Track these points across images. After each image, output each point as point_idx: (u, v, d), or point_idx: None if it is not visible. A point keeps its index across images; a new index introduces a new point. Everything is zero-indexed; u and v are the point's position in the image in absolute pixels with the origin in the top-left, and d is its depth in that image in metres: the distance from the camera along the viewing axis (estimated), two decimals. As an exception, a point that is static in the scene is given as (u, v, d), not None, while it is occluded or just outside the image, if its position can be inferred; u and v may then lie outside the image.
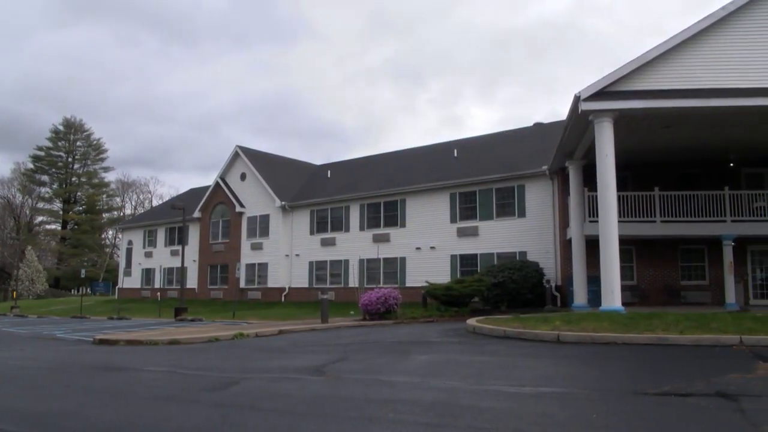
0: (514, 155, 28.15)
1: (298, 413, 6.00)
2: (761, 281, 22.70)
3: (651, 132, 18.64)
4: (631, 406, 6.03)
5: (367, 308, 19.14)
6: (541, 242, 25.45)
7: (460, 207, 28.28)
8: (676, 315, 13.50)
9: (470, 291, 21.62)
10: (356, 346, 12.15)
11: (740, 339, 10.14)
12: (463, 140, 34.93)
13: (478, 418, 5.49)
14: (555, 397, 6.45)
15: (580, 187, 21.01)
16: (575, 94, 16.06)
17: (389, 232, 30.57)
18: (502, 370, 8.54)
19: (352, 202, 32.39)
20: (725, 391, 6.29)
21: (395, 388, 7.19)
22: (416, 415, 5.65)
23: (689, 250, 22.92)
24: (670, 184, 21.35)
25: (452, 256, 28.02)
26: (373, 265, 30.73)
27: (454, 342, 12.26)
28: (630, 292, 21.53)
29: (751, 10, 16.08)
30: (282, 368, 9.34)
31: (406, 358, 10.00)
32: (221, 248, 38.08)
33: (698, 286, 22.76)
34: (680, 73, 16.01)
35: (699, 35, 16.03)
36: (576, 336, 11.33)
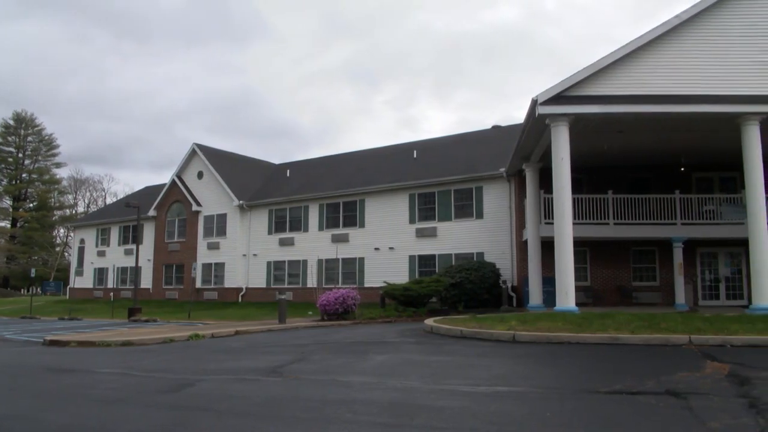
0: (473, 157, 28.44)
1: (255, 415, 5.97)
2: (710, 282, 23.44)
3: (605, 136, 19.06)
4: (584, 404, 6.18)
5: (325, 308, 19.09)
6: (498, 243, 25.79)
7: (419, 208, 28.46)
8: (627, 315, 13.84)
9: (428, 291, 21.78)
10: (314, 346, 12.12)
11: (689, 339, 10.46)
12: (423, 141, 35.14)
13: (435, 417, 5.55)
14: (511, 396, 6.56)
15: (537, 189, 21.36)
16: (532, 98, 16.33)
17: (348, 232, 30.56)
18: (459, 369, 8.62)
19: (311, 202, 32.27)
20: (675, 389, 6.49)
21: (353, 388, 7.20)
22: (373, 416, 5.68)
23: (641, 252, 23.52)
24: (624, 188, 21.86)
25: (411, 256, 28.16)
26: (331, 266, 30.67)
27: (411, 342, 12.33)
28: (584, 293, 21.99)
29: (703, 20, 16.56)
30: (238, 369, 9.26)
31: (364, 358, 10.02)
32: (177, 248, 37.48)
33: (649, 287, 23.38)
34: (634, 80, 16.41)
35: (652, 43, 16.45)
36: (531, 336, 11.53)
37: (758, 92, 16.07)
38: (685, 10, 16.52)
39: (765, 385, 6.63)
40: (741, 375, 7.29)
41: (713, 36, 16.50)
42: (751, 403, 5.75)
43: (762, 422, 5.05)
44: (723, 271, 23.41)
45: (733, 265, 23.31)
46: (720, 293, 23.29)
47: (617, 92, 16.29)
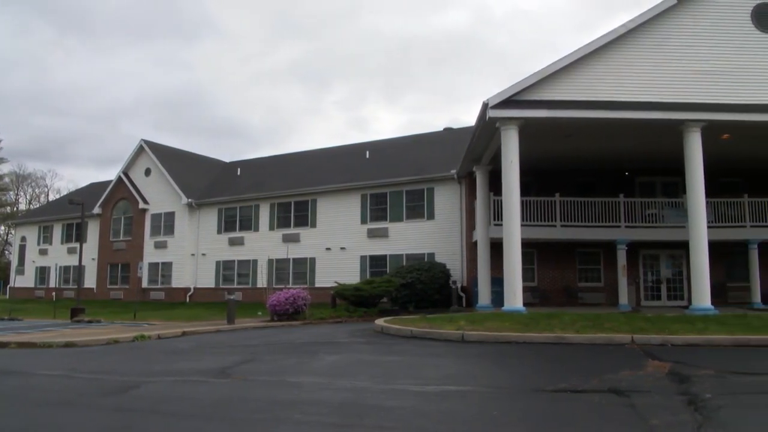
0: (425, 159, 28.64)
1: (203, 416, 5.88)
2: (652, 283, 24.20)
3: (554, 140, 19.48)
4: (529, 402, 6.31)
5: (275, 309, 18.92)
6: (448, 244, 26.04)
7: (371, 208, 28.50)
8: (573, 315, 14.16)
9: (379, 292, 21.83)
10: (263, 347, 12.01)
11: (632, 338, 10.78)
12: (375, 142, 35.20)
13: (385, 417, 5.58)
14: (459, 395, 6.64)
15: (487, 191, 21.65)
16: (483, 102, 16.55)
17: (299, 232, 30.38)
18: (409, 369, 8.68)
19: (262, 201, 31.95)
20: (618, 387, 6.67)
21: (303, 389, 7.17)
22: (323, 416, 5.67)
23: (586, 254, 24.10)
24: (570, 191, 22.35)
25: (362, 257, 28.18)
26: (282, 266, 30.43)
27: (362, 342, 12.34)
28: (531, 293, 22.40)
29: (648, 29, 17.07)
30: (186, 371, 9.11)
31: (314, 358, 9.98)
32: (123, 246, 36.57)
33: (594, 287, 23.98)
34: (581, 86, 16.81)
35: (600, 50, 16.87)
36: (480, 335, 11.69)
37: (699, 100, 16.68)
38: (631, 20, 17.01)
39: (703, 383, 6.88)
40: (681, 373, 7.54)
41: (657, 45, 17.05)
42: (690, 401, 5.96)
43: (700, 419, 5.25)
44: (664, 272, 24.20)
45: (674, 267, 24.12)
46: (661, 294, 24.07)
47: (565, 98, 16.67)
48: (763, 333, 10.96)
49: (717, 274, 20.22)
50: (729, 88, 16.78)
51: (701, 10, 17.22)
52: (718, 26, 17.16)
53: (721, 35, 17.10)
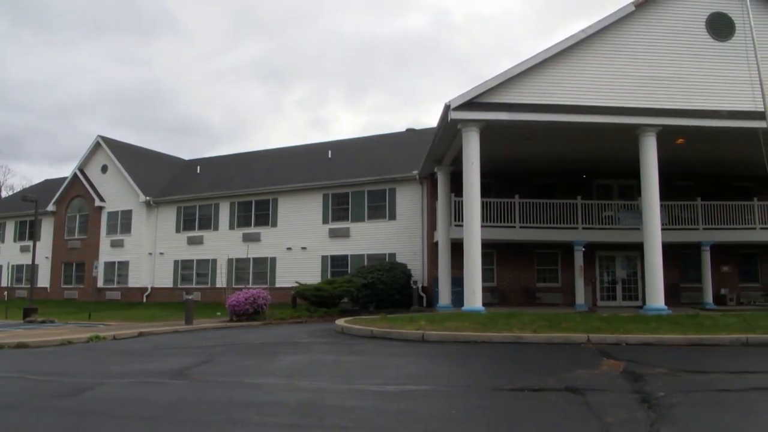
0: (387, 159, 28.68)
1: (159, 418, 5.78)
2: (607, 284, 24.71)
3: (514, 143, 19.72)
4: (488, 401, 6.37)
5: (234, 309, 18.71)
6: (410, 244, 26.13)
7: (333, 208, 28.42)
8: (531, 315, 14.35)
9: (340, 292, 21.78)
10: (222, 348, 11.87)
11: (588, 337, 10.98)
12: (337, 142, 35.10)
13: (344, 417, 5.56)
14: (418, 395, 6.66)
15: (448, 192, 21.80)
16: (446, 103, 16.66)
17: (260, 231, 30.11)
18: (369, 369, 8.68)
19: (222, 200, 31.56)
20: (574, 385, 6.78)
21: (261, 390, 7.11)
22: (282, 417, 5.63)
23: (545, 254, 24.47)
24: (530, 192, 22.64)
25: (323, 256, 28.07)
26: (242, 265, 30.11)
27: (322, 342, 12.29)
28: (490, 293, 22.64)
29: (606, 35, 17.41)
30: (142, 372, 8.94)
31: (274, 359, 9.91)
32: (78, 245, 35.70)
33: (552, 288, 24.36)
34: (541, 90, 17.05)
35: (559, 55, 17.14)
36: (440, 335, 11.76)
37: (655, 105, 17.10)
38: (590, 26, 17.34)
39: (657, 382, 7.04)
40: (635, 372, 7.71)
41: (615, 51, 17.41)
42: (643, 398, 6.09)
43: (653, 416, 5.37)
44: (620, 273, 24.73)
45: (629, 268, 24.66)
46: (617, 294, 24.59)
47: (525, 101, 16.89)
48: (715, 332, 11.28)
49: (670, 275, 20.72)
50: (683, 95, 17.25)
51: (658, 17, 17.65)
52: (674, 34, 17.61)
53: (676, 43, 17.55)
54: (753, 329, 11.49)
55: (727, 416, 5.51)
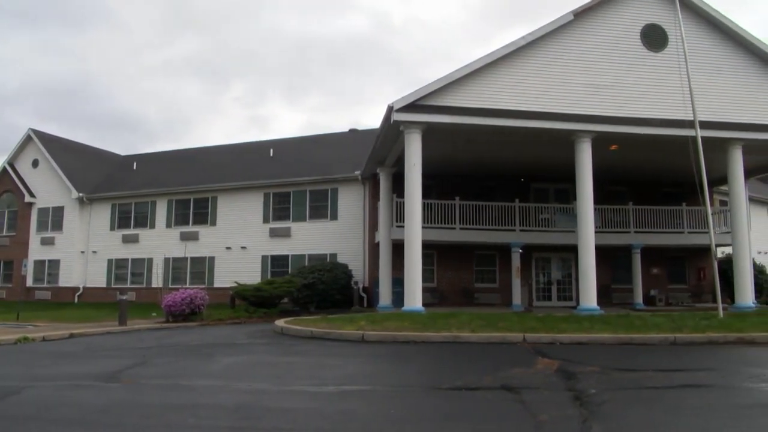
0: (330, 159, 28.58)
1: (90, 422, 5.59)
2: (543, 285, 25.31)
3: (455, 145, 19.97)
4: (426, 400, 6.43)
5: (170, 309, 18.28)
6: (351, 245, 26.11)
7: (274, 207, 28.13)
8: (469, 315, 14.57)
9: (280, 292, 21.57)
10: (157, 349, 11.59)
11: (524, 337, 11.22)
12: (279, 140, 34.72)
13: (282, 418, 5.52)
14: (357, 395, 6.67)
15: (390, 193, 21.90)
16: (389, 105, 16.73)
17: (198, 230, 29.52)
18: (308, 370, 8.63)
19: (159, 197, 30.78)
20: (510, 384, 6.92)
21: (197, 392, 6.98)
22: (218, 419, 5.54)
23: (483, 256, 24.86)
24: (470, 195, 22.96)
25: (264, 256, 27.75)
26: (179, 265, 29.45)
27: (261, 343, 12.16)
28: (430, 294, 22.84)
29: (545, 43, 17.81)
30: (72, 375, 8.62)
31: (210, 360, 9.73)
32: (6, 242, 34.12)
33: (490, 288, 24.78)
34: (482, 94, 17.32)
35: (501, 60, 17.44)
36: (379, 335, 11.80)
37: (591, 112, 17.62)
38: (530, 32, 17.71)
39: (589, 380, 7.26)
40: (568, 370, 7.92)
41: (554, 58, 17.84)
42: (576, 396, 6.27)
43: (585, 413, 5.53)
44: (555, 274, 25.38)
45: (563, 269, 25.33)
46: (552, 295, 25.22)
47: (467, 104, 17.12)
48: (644, 332, 11.71)
49: (603, 277, 21.40)
50: (618, 102, 17.84)
51: (595, 27, 18.19)
52: (610, 43, 18.18)
53: (613, 52, 18.13)
54: (680, 329, 11.98)
55: (655, 413, 5.73)
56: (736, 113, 18.55)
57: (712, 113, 17.88)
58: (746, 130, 18.58)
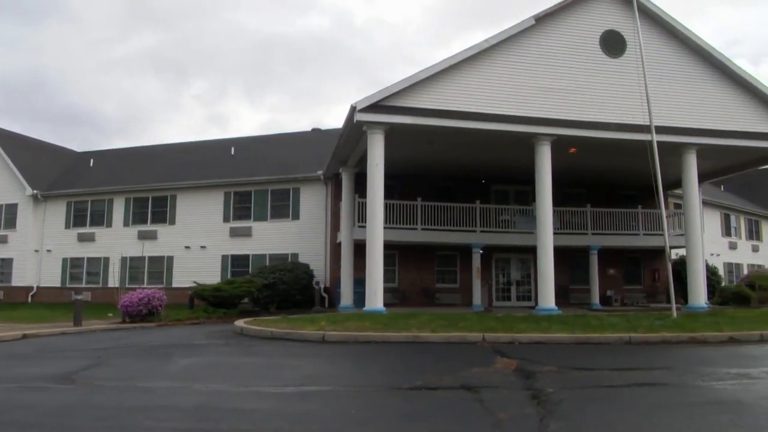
0: (292, 158, 28.40)
1: (43, 425, 5.45)
2: (503, 285, 25.61)
3: (417, 146, 20.06)
4: (386, 400, 6.45)
5: (127, 310, 17.93)
6: (313, 245, 26.00)
7: (235, 206, 27.83)
8: (430, 315, 14.65)
9: (240, 292, 21.35)
10: (113, 350, 11.36)
11: (483, 337, 11.34)
12: (241, 139, 34.39)
13: (241, 420, 5.47)
14: (317, 395, 6.65)
15: (352, 193, 21.88)
16: (352, 105, 16.71)
17: (157, 229, 29.02)
18: (268, 370, 8.58)
19: (117, 195, 30.15)
20: (469, 383, 7.00)
21: (154, 393, 6.86)
22: (175, 421, 5.46)
23: (444, 256, 25.04)
24: (432, 195, 23.10)
25: (224, 256, 27.43)
26: (136, 264, 28.90)
27: (220, 344, 12.02)
28: (392, 294, 22.92)
29: (507, 46, 17.98)
30: (25, 377, 8.39)
31: (168, 361, 9.59)
32: (-46, 240, 33.06)
33: (451, 288, 24.97)
34: (445, 96, 17.42)
35: (464, 63, 17.56)
36: (340, 335, 11.79)
37: (550, 116, 17.90)
38: (493, 36, 17.88)
39: (546, 379, 7.37)
40: (526, 369, 8.04)
41: (515, 62, 18.06)
42: (534, 395, 6.37)
43: (542, 411, 5.62)
44: (514, 275, 25.70)
45: (523, 270, 25.67)
46: (511, 295, 25.54)
47: (429, 106, 17.21)
48: (601, 332, 11.95)
49: (561, 278, 21.74)
50: (577, 106, 18.16)
51: (556, 32, 18.47)
52: (570, 48, 18.50)
53: (572, 57, 18.45)
54: (635, 329, 12.26)
55: (610, 410, 5.86)
56: (691, 119, 19.08)
57: (667, 119, 18.35)
58: (700, 135, 19.12)
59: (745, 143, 19.68)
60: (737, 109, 19.71)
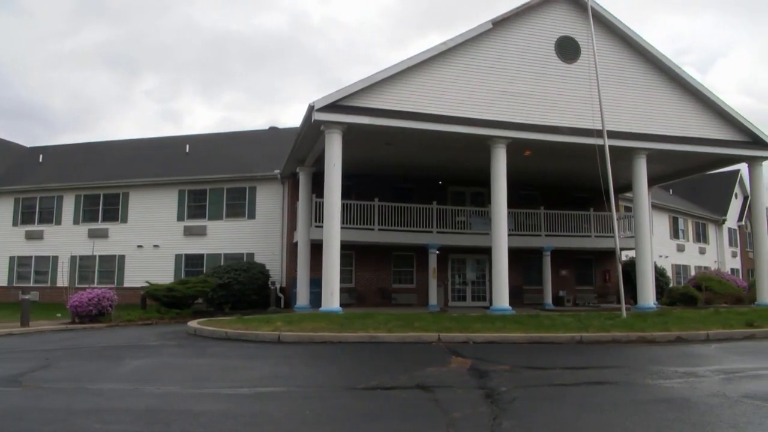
0: (249, 157, 28.12)
1: (-16, 429, 5.28)
2: (459, 285, 25.87)
3: (375, 147, 20.10)
4: (342, 400, 6.45)
5: (77, 310, 17.49)
6: (269, 244, 25.79)
7: (189, 205, 27.40)
8: (386, 315, 14.70)
9: (194, 292, 21.03)
10: (62, 352, 11.07)
11: (439, 336, 11.44)
12: (196, 136, 33.88)
13: (193, 422, 5.40)
14: (272, 397, 6.61)
15: (309, 193, 21.80)
16: (310, 104, 16.64)
17: (108, 227, 28.36)
18: (222, 372, 8.48)
19: (67, 192, 29.35)
20: (424, 383, 7.05)
21: (104, 396, 6.72)
22: (126, 424, 5.35)
23: (401, 257, 25.14)
24: (389, 196, 23.18)
25: (177, 255, 26.98)
26: (87, 263, 28.18)
27: (173, 345, 11.83)
28: (348, 294, 22.90)
29: (466, 49, 18.17)
30: (-34, 379, 8.11)
31: (119, 363, 9.38)
32: None
33: (407, 288, 25.09)
34: (403, 97, 17.51)
35: (422, 65, 17.65)
36: (296, 336, 11.73)
37: (506, 119, 18.16)
38: (451, 38, 18.04)
39: (500, 378, 7.48)
40: (480, 369, 8.14)
41: (472, 65, 18.25)
42: (487, 394, 6.45)
43: (496, 410, 5.70)
44: (470, 275, 25.99)
45: (478, 271, 25.98)
46: (467, 295, 25.82)
47: (388, 107, 17.28)
48: (553, 331, 12.17)
49: (515, 278, 22.07)
50: (533, 110, 18.48)
51: (513, 37, 18.76)
52: (527, 53, 18.80)
53: (529, 61, 18.76)
54: (586, 328, 12.53)
55: (562, 408, 5.98)
56: (642, 124, 19.62)
57: (619, 123, 18.82)
58: (651, 140, 19.67)
59: (693, 148, 20.35)
60: (686, 116, 20.37)
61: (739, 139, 21.11)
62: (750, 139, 21.24)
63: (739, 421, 5.23)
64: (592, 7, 18.15)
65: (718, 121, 20.83)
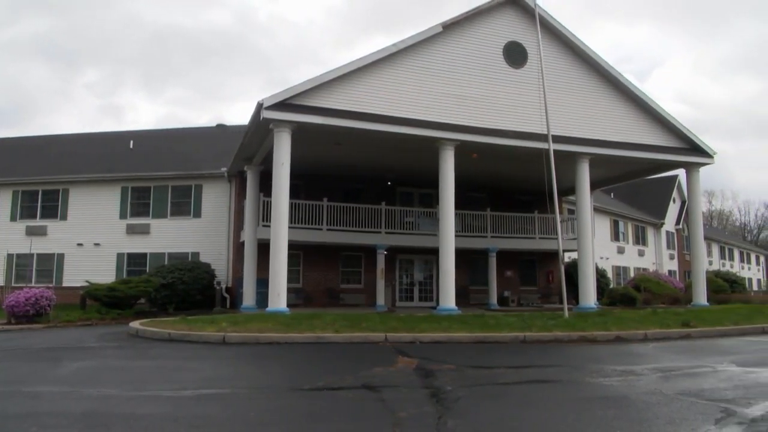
0: (195, 154, 27.63)
1: None
2: (406, 286, 26.03)
3: (325, 147, 20.02)
4: (287, 401, 6.42)
5: (13, 310, 16.88)
6: (215, 244, 25.40)
7: (132, 202, 26.73)
8: (333, 315, 14.68)
9: (136, 292, 20.56)
10: (-5, 353, 10.67)
11: (386, 337, 11.49)
12: (140, 132, 33.11)
13: (134, 426, 5.28)
14: (216, 398, 6.52)
15: (257, 191, 21.57)
16: (258, 102, 16.47)
17: (47, 224, 27.40)
18: (165, 373, 8.33)
19: (3, 188, 28.17)
20: (370, 383, 7.07)
21: (41, 399, 6.50)
22: (63, 428, 5.20)
23: (349, 257, 25.13)
24: (338, 196, 23.15)
25: (119, 254, 26.27)
26: (24, 262, 27.13)
27: (113, 346, 11.54)
28: (295, 294, 22.76)
29: (416, 52, 18.28)
30: None
31: (57, 365, 9.09)
32: None
33: (355, 289, 25.10)
34: (353, 97, 17.50)
35: (372, 65, 17.68)
36: (241, 337, 11.60)
37: (455, 121, 18.37)
38: (402, 40, 18.13)
39: (445, 377, 7.56)
40: (426, 368, 8.22)
41: (422, 67, 18.39)
42: (433, 393, 6.52)
43: (441, 409, 5.77)
44: (417, 276, 26.20)
45: (425, 271, 26.20)
46: (414, 296, 26.01)
47: (338, 107, 17.25)
48: (498, 331, 12.37)
49: (461, 278, 22.36)
50: (480, 113, 18.75)
51: (462, 40, 18.98)
52: (475, 57, 19.05)
53: (477, 65, 19.02)
54: (530, 328, 12.78)
55: (505, 406, 6.10)
56: (586, 129, 20.15)
57: (563, 128, 19.26)
58: (594, 145, 20.22)
59: (634, 154, 21.03)
60: (628, 122, 21.05)
61: (677, 146, 21.91)
62: (688, 146, 22.08)
63: (675, 417, 5.43)
64: (539, 14, 18.51)
65: (658, 128, 21.59)
